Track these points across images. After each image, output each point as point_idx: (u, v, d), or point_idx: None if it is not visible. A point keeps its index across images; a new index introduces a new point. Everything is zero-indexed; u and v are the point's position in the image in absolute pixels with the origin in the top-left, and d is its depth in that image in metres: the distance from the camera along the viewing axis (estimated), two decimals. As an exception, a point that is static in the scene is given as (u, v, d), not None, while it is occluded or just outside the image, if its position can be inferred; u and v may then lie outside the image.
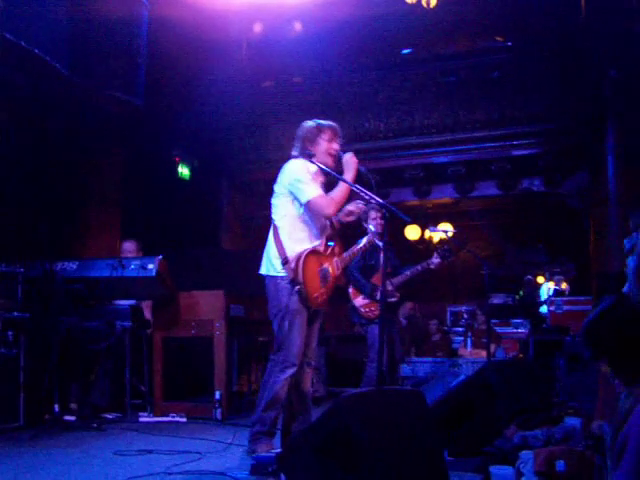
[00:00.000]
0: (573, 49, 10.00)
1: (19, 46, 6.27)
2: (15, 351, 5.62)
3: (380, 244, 6.30)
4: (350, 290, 6.70)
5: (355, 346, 8.57)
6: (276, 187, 4.59)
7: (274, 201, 4.61)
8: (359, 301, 6.65)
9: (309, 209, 4.46)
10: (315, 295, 4.45)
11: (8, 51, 6.39)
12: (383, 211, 4.00)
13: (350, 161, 4.50)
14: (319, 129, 4.62)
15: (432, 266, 6.60)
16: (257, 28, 11.15)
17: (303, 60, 11.41)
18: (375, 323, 6.45)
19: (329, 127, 4.64)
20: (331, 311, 6.70)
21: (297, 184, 4.45)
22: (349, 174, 4.47)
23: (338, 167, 4.58)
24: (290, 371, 4.41)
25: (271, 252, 4.53)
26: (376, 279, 6.53)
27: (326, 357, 8.58)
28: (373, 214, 6.36)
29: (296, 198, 4.47)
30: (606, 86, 9.43)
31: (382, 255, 6.38)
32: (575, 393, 6.20)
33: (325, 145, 4.58)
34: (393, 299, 6.51)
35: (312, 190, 4.41)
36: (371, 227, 6.24)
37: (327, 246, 4.67)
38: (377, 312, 6.47)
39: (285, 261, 4.42)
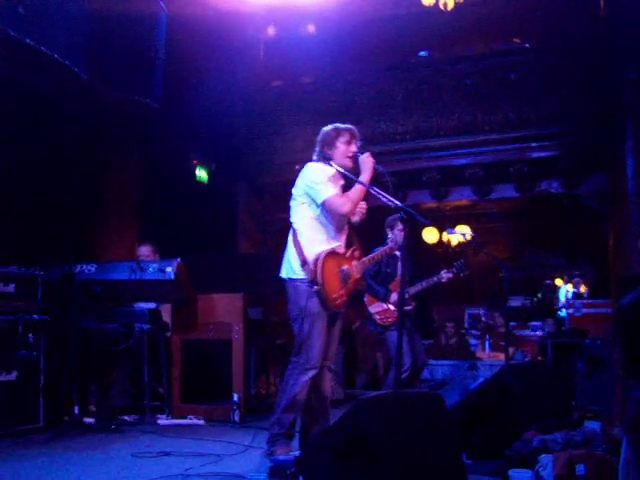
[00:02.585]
0: (591, 50, 9.96)
1: (39, 51, 6.31)
2: (35, 353, 5.66)
3: (398, 254, 6.31)
4: (365, 298, 6.68)
5: (388, 353, 8.57)
6: (294, 190, 4.60)
7: (293, 204, 4.62)
8: (374, 308, 6.63)
9: (325, 209, 4.46)
10: (334, 296, 4.44)
11: (28, 56, 6.44)
12: (405, 218, 3.98)
13: (366, 161, 4.50)
14: (337, 132, 4.63)
15: (443, 280, 6.60)
16: (273, 30, 11.18)
17: (320, 63, 11.42)
18: (391, 330, 6.44)
19: (347, 130, 4.65)
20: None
21: (313, 185, 4.46)
22: (366, 174, 4.48)
23: (356, 169, 4.58)
24: (310, 373, 4.41)
25: (290, 255, 4.54)
26: (393, 287, 6.52)
27: (344, 360, 8.57)
28: (400, 225, 6.30)
29: (313, 200, 4.48)
30: (625, 87, 9.36)
31: (400, 264, 6.42)
32: (594, 396, 6.16)
33: (343, 148, 4.59)
34: (408, 307, 6.50)
35: (328, 190, 4.42)
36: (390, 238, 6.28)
37: (347, 248, 4.66)
38: (392, 319, 6.47)
39: (304, 263, 4.42)
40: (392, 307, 6.48)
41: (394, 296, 6.41)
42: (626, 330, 2.98)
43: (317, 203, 4.46)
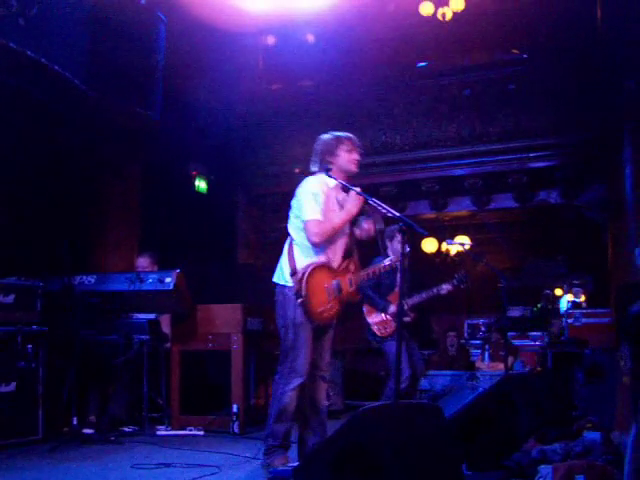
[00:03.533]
0: (590, 60, 9.98)
1: (39, 63, 6.34)
2: (34, 364, 5.68)
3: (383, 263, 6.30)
4: (364, 308, 6.68)
5: (372, 359, 8.55)
6: (293, 202, 4.62)
7: (291, 215, 4.63)
8: (373, 319, 6.63)
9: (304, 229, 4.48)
10: (320, 310, 4.43)
11: (29, 68, 6.47)
12: (403, 228, 3.98)
13: (355, 198, 4.49)
14: (338, 140, 4.63)
15: (443, 292, 6.61)
16: (272, 40, 11.22)
17: (319, 73, 11.46)
18: (389, 340, 6.45)
19: (347, 138, 4.66)
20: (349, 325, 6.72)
21: (302, 202, 4.49)
22: (352, 209, 4.50)
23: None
24: (296, 382, 4.40)
25: (283, 262, 4.56)
26: (392, 298, 6.52)
27: (343, 370, 8.55)
28: (399, 236, 6.29)
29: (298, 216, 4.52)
30: (623, 97, 9.39)
31: (399, 275, 6.42)
32: (594, 407, 6.15)
33: (346, 156, 4.60)
34: (407, 319, 6.50)
35: (311, 212, 4.43)
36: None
37: (342, 262, 4.66)
38: (390, 330, 6.48)
39: (293, 272, 4.43)
40: (390, 318, 6.48)
41: (393, 308, 6.41)
42: (637, 337, 2.98)
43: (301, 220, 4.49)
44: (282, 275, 4.53)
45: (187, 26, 9.04)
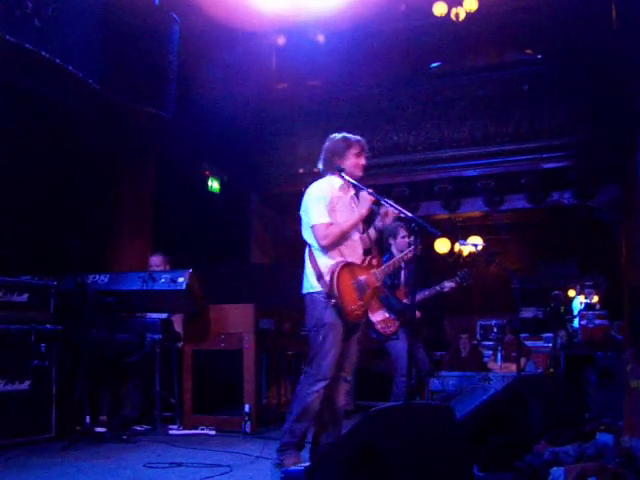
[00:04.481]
0: (604, 60, 9.93)
1: (54, 63, 6.37)
2: (47, 363, 5.70)
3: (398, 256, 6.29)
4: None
5: (383, 360, 8.53)
6: (301, 211, 4.63)
7: (302, 222, 4.63)
8: (375, 317, 6.60)
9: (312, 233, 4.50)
10: (352, 307, 4.43)
11: (43, 68, 6.51)
12: (411, 227, 3.98)
13: (366, 198, 4.52)
14: (348, 144, 4.63)
15: (446, 289, 6.59)
16: (284, 40, 11.23)
17: (331, 73, 11.46)
18: (392, 339, 6.44)
19: (357, 142, 4.66)
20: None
21: (309, 207, 4.52)
22: (362, 210, 4.53)
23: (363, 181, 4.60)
24: (321, 384, 4.41)
25: (307, 270, 4.56)
26: (398, 295, 6.51)
27: (354, 371, 8.54)
28: (402, 232, 6.33)
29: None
30: (637, 97, 9.34)
31: (403, 272, 6.43)
32: (607, 409, 6.12)
33: (354, 160, 4.60)
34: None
35: (318, 216, 4.45)
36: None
37: (364, 258, 4.66)
38: (393, 328, 6.46)
39: (319, 276, 4.43)
40: (393, 317, 6.46)
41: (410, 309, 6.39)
42: None
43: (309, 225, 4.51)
44: (309, 284, 4.53)
45: (200, 26, 9.06)
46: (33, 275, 5.85)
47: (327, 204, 4.46)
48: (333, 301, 4.36)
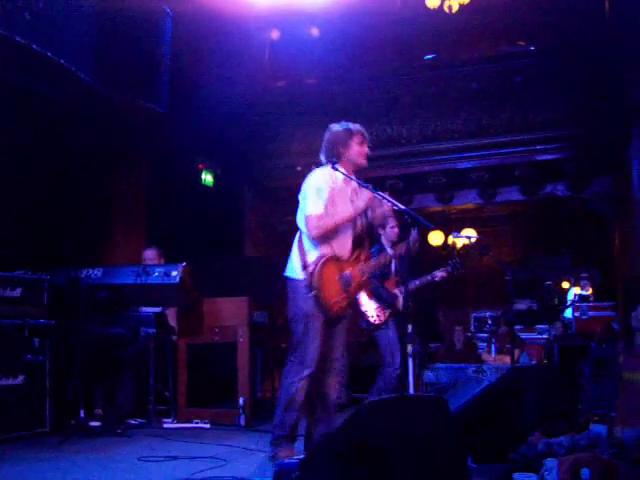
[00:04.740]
0: (597, 53, 9.94)
1: (45, 57, 6.34)
2: (41, 357, 5.69)
3: (390, 252, 6.30)
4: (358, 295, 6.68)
5: (377, 352, 8.54)
6: (300, 196, 4.62)
7: (299, 208, 4.63)
8: (366, 307, 6.62)
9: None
10: (335, 300, 4.44)
11: (34, 62, 6.48)
12: (402, 219, 3.98)
13: (366, 195, 4.52)
14: (350, 133, 4.62)
15: (437, 278, 6.61)
16: (277, 33, 11.20)
17: (325, 66, 11.44)
18: (382, 329, 6.46)
19: (358, 131, 4.65)
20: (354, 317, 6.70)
21: (305, 196, 4.51)
22: (359, 205, 4.55)
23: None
24: (305, 372, 4.41)
25: (294, 255, 4.56)
26: (388, 285, 6.53)
27: (349, 363, 8.55)
28: (392, 222, 6.35)
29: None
30: (631, 89, 9.34)
31: (394, 262, 6.44)
32: (600, 400, 6.14)
33: (357, 148, 4.59)
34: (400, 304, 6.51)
35: (313, 206, 4.44)
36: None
37: (353, 251, 4.66)
38: (383, 318, 6.48)
39: (304, 266, 4.44)
40: (383, 307, 6.49)
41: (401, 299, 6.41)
42: None
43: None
44: (293, 269, 4.53)
45: (194, 19, 9.03)
46: (26, 270, 5.84)
47: (326, 195, 4.46)
48: (313, 292, 4.36)
